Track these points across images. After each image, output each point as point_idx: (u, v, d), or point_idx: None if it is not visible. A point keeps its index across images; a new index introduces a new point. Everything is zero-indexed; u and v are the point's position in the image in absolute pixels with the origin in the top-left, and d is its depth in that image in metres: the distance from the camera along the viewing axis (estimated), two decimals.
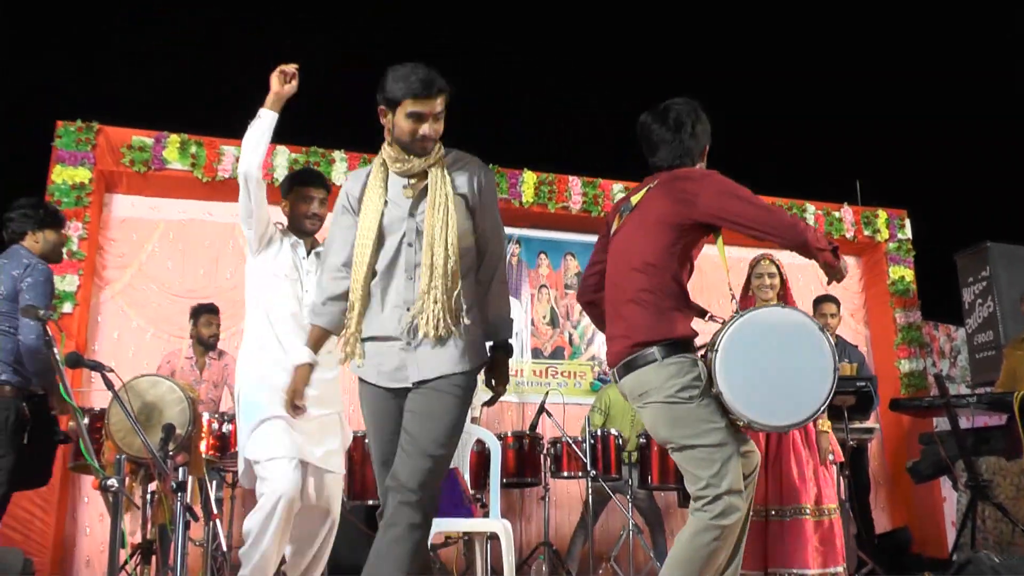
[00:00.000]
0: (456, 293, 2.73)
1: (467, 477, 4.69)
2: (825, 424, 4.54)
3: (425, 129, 2.71)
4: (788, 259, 8.15)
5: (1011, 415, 5.42)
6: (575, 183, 7.60)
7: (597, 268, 3.22)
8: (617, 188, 7.66)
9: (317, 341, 2.94)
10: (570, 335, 7.68)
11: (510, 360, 2.96)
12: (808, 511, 4.31)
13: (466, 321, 2.74)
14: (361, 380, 2.84)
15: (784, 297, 4.74)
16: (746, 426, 2.85)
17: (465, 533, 4.74)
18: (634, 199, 3.09)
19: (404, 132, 2.72)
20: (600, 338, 7.71)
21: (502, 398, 3.03)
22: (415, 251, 2.76)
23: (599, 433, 5.78)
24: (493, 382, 2.92)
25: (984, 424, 6.13)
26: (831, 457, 4.54)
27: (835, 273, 3.00)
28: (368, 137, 6.67)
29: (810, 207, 8.26)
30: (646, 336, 2.85)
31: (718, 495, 2.75)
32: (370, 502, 5.40)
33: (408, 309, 2.73)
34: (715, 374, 2.79)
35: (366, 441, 5.56)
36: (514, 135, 9.11)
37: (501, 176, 7.39)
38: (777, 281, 4.70)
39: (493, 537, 4.60)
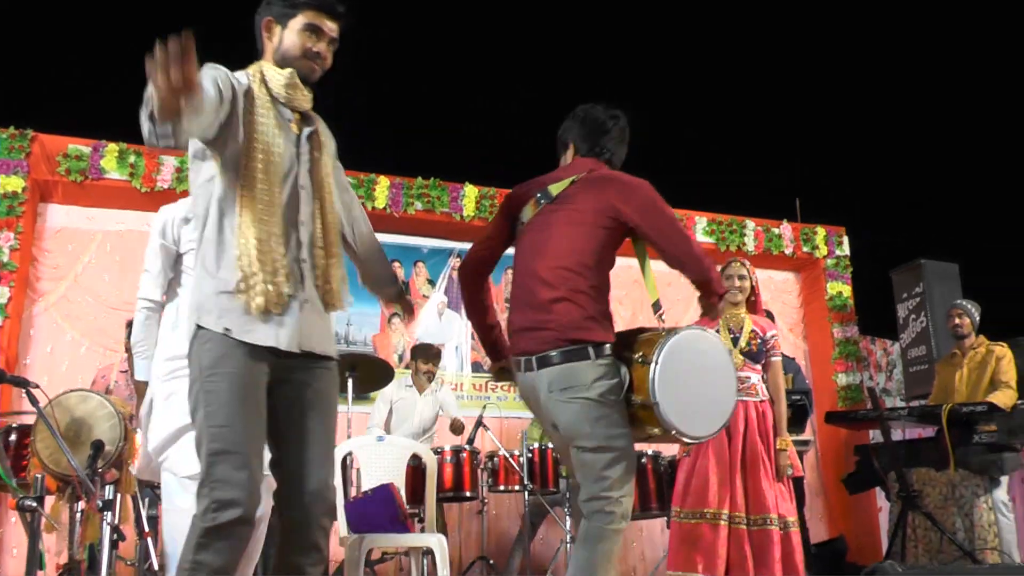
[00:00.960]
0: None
1: (403, 492, 4.67)
2: (782, 442, 4.54)
3: (322, 47, 2.43)
4: None
5: (940, 427, 5.57)
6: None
7: (488, 245, 3.19)
8: None
9: None
10: None
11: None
12: (774, 522, 4.36)
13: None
14: (227, 336, 2.26)
15: (755, 302, 4.80)
16: (663, 435, 2.90)
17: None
18: (553, 188, 3.06)
19: (295, 48, 2.41)
20: None
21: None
22: (306, 196, 2.42)
23: (537, 447, 5.79)
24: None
25: (918, 436, 6.27)
26: (790, 471, 4.55)
27: (713, 314, 3.10)
28: None
29: (750, 223, 8.37)
30: (579, 335, 2.86)
31: (620, 498, 2.80)
32: None
33: (295, 260, 2.37)
34: (654, 385, 2.80)
35: None
36: (455, 149, 9.13)
37: (442, 190, 7.38)
38: (747, 284, 4.73)
39: (429, 552, 4.58)
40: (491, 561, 5.89)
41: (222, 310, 2.26)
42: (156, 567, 5.16)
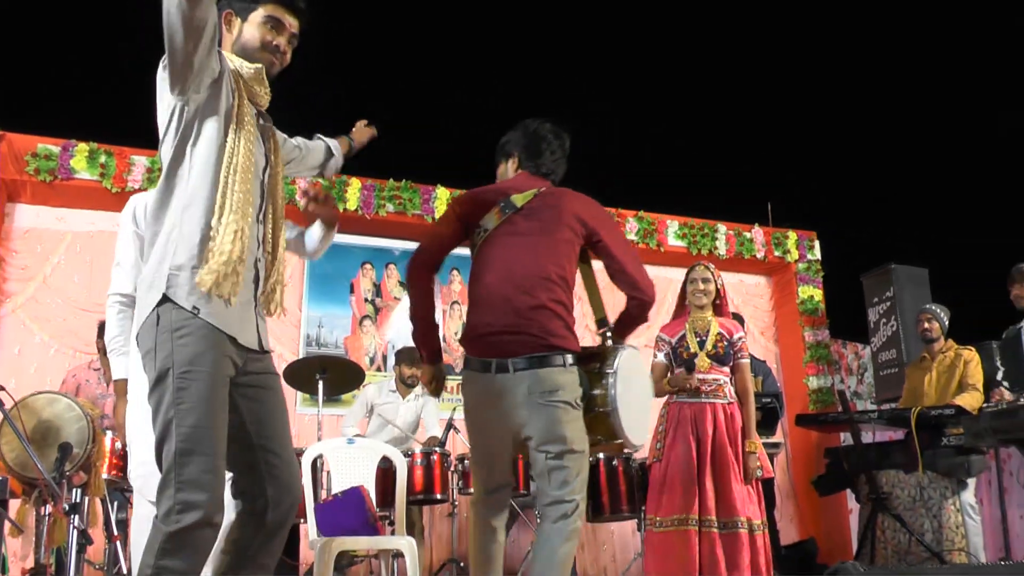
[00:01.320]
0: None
1: (373, 495, 4.65)
2: (751, 444, 4.54)
3: (282, 41, 2.41)
4: None
5: (909, 430, 5.62)
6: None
7: (440, 244, 3.21)
8: None
9: None
10: None
11: None
12: (743, 524, 4.38)
13: None
14: (195, 316, 2.18)
15: (720, 306, 4.79)
16: (604, 443, 3.07)
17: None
18: (517, 199, 3.13)
19: (254, 40, 2.38)
20: None
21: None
22: (264, 195, 2.40)
23: None
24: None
25: (888, 439, 6.33)
26: (760, 473, 4.56)
27: (626, 334, 3.25)
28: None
29: (721, 227, 8.42)
30: (559, 343, 2.96)
31: (581, 499, 2.94)
32: None
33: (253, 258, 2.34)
34: (613, 394, 2.96)
35: None
36: (426, 151, 9.11)
37: (414, 192, 7.37)
38: (712, 288, 4.72)
39: (399, 555, 4.57)
40: (462, 564, 5.88)
41: (193, 288, 2.18)
42: (125, 571, 5.13)
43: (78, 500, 3.61)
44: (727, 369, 4.66)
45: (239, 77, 2.37)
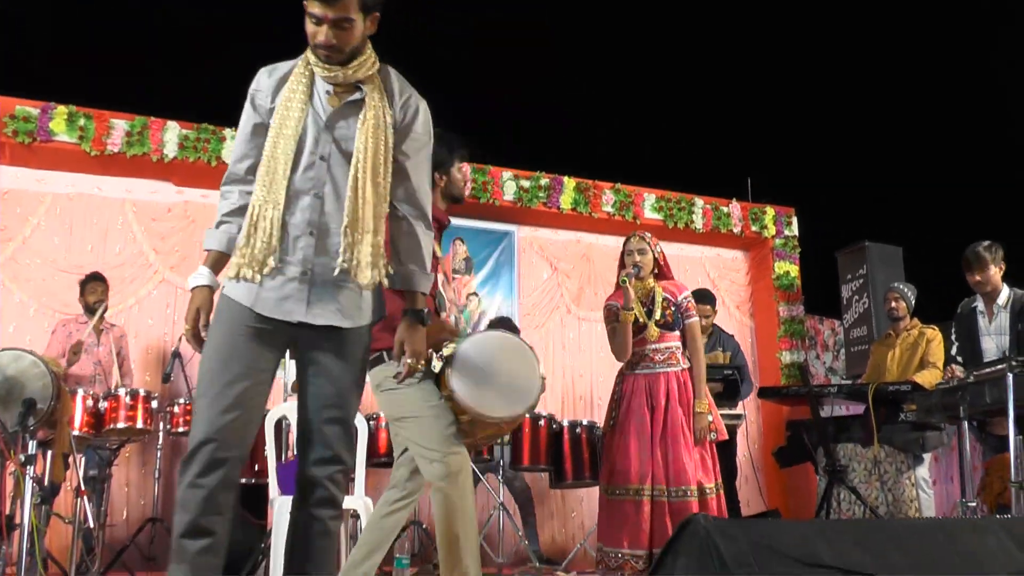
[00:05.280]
0: (382, 232, 2.54)
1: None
2: (701, 405, 4.55)
3: (320, 36, 2.47)
4: (676, 251, 8.47)
5: (867, 405, 5.73)
6: (465, 169, 7.66)
7: None
8: (507, 176, 7.79)
9: (215, 266, 2.61)
10: (456, 319, 7.79)
11: (423, 330, 2.67)
12: (692, 493, 4.40)
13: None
14: (227, 297, 2.51)
15: (661, 274, 4.76)
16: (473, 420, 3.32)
17: None
18: None
19: (309, 36, 2.51)
20: (486, 322, 7.84)
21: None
22: (327, 168, 2.52)
23: None
24: (405, 351, 2.64)
25: (853, 413, 6.43)
26: (714, 436, 4.57)
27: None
28: None
29: (699, 201, 8.48)
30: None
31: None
32: (242, 480, 5.45)
33: (312, 233, 2.49)
34: (450, 380, 3.28)
35: None
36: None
37: None
38: (649, 258, 4.67)
39: (357, 516, 4.69)
40: (424, 526, 6.02)
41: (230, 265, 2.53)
42: (92, 527, 5.26)
43: (33, 452, 3.70)
44: (677, 334, 4.68)
45: (307, 66, 2.58)
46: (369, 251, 2.48)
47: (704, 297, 6.43)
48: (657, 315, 4.63)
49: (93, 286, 6.18)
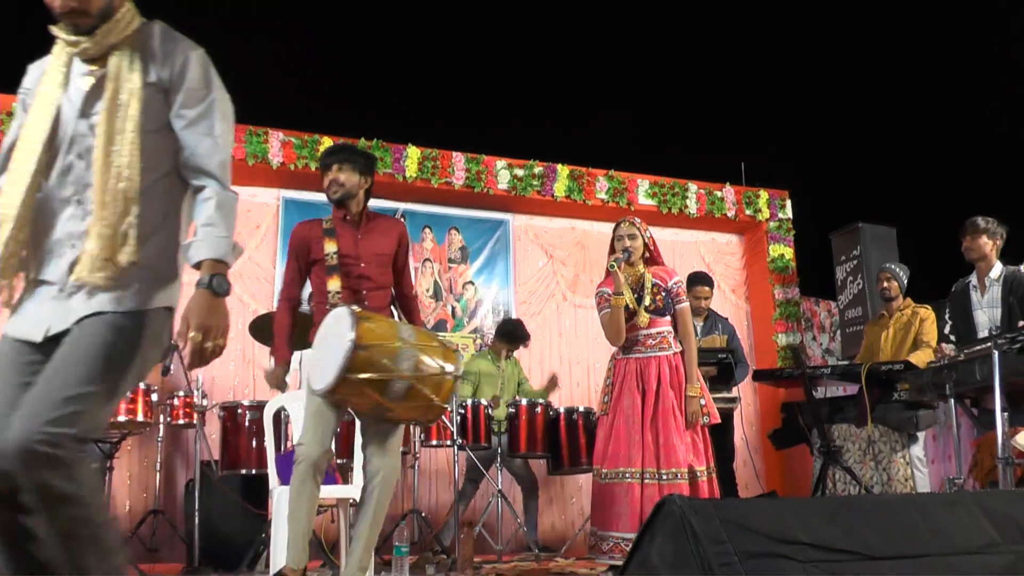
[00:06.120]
0: (128, 223, 2.09)
1: (334, 445, 4.80)
2: (692, 389, 4.58)
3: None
4: (671, 236, 8.50)
5: (860, 386, 5.77)
6: (458, 159, 7.70)
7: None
8: (500, 164, 7.82)
9: None
10: (452, 308, 7.83)
11: (216, 302, 2.12)
12: (683, 476, 4.42)
13: (146, 253, 2.12)
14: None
15: (651, 259, 4.77)
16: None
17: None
18: None
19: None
20: (482, 310, 7.90)
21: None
22: (86, 166, 2.12)
23: (469, 403, 5.95)
24: (189, 326, 2.10)
25: (847, 393, 6.48)
26: (706, 420, 4.59)
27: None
28: (258, 111, 6.66)
29: (692, 186, 8.51)
30: None
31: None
32: (243, 471, 5.51)
33: (73, 245, 2.10)
34: None
35: (238, 410, 5.69)
36: (397, 110, 9.15)
37: (385, 151, 7.45)
38: (639, 243, 4.69)
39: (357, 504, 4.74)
40: (423, 514, 6.07)
41: None
42: None
43: None
44: (668, 319, 4.71)
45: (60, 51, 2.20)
46: (106, 250, 2.06)
47: (701, 279, 6.48)
48: (647, 301, 4.66)
49: None
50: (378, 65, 9.38)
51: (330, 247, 3.88)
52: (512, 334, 6.64)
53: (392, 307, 4.14)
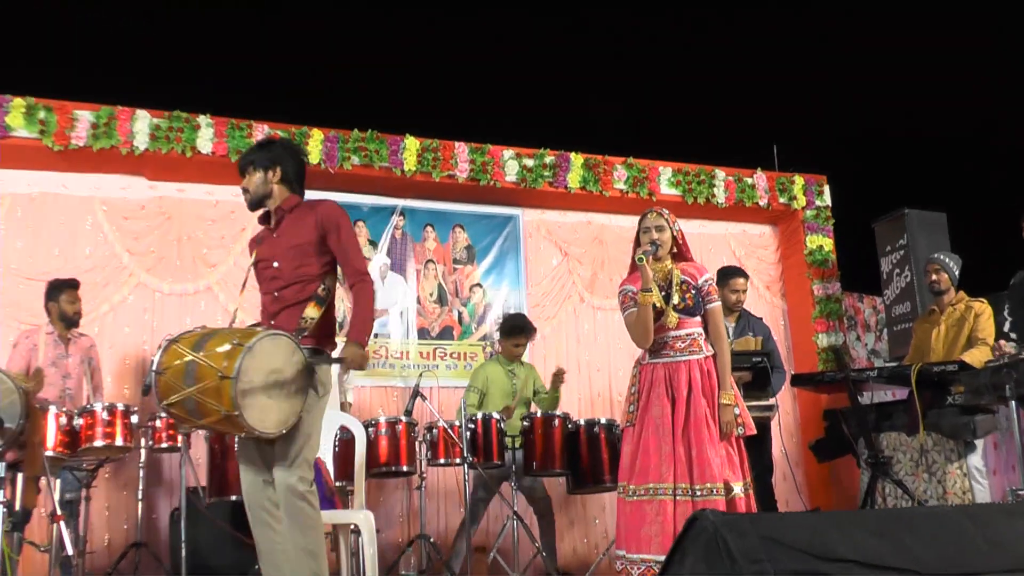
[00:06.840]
0: None
1: (331, 467, 4.85)
2: (726, 396, 4.53)
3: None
4: (698, 229, 8.51)
5: (910, 390, 5.74)
6: (462, 149, 7.71)
7: None
8: (508, 155, 7.83)
9: None
10: (459, 313, 7.85)
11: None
12: (719, 491, 4.36)
13: None
14: None
15: (679, 254, 4.74)
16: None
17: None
18: None
19: None
20: (492, 315, 7.91)
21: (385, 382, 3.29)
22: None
23: (479, 416, 5.96)
24: None
25: (895, 398, 6.45)
26: (741, 431, 4.54)
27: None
28: (242, 102, 6.70)
29: (720, 173, 8.49)
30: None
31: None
32: (232, 498, 5.53)
33: None
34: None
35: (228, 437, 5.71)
36: (393, 98, 9.16)
37: (381, 143, 7.47)
38: (667, 236, 4.65)
39: (358, 530, 4.77)
40: (432, 539, 6.08)
41: None
42: (70, 553, 5.34)
43: (2, 476, 3.76)
44: (699, 319, 4.67)
45: None
46: None
47: (735, 271, 6.49)
48: (675, 299, 4.62)
49: (71, 295, 6.19)
50: (370, 49, 9.40)
51: (255, 256, 4.03)
52: (516, 326, 6.61)
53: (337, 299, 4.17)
